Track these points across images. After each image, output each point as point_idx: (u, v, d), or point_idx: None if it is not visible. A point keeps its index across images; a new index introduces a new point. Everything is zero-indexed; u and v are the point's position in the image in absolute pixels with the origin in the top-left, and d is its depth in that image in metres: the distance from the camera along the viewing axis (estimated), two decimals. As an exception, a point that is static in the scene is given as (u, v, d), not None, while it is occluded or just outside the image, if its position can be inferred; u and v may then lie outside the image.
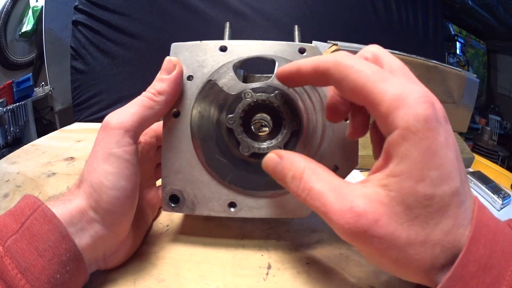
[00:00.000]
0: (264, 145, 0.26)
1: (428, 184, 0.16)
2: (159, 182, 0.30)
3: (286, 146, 0.26)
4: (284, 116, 0.26)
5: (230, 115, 0.26)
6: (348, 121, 0.24)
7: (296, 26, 0.33)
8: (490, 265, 0.16)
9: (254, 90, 0.26)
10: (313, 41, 0.45)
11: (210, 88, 0.26)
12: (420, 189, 0.16)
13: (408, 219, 0.16)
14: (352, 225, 0.17)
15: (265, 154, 0.26)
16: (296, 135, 0.26)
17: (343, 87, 0.19)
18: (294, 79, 0.22)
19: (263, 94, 0.26)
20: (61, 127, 0.66)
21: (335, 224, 0.17)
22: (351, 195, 0.18)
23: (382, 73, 0.18)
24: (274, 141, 0.26)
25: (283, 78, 0.23)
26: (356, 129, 0.23)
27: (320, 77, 0.20)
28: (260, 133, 0.37)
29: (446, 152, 0.16)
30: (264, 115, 0.31)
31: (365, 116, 0.22)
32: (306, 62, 0.20)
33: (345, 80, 0.18)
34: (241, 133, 0.26)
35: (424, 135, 0.16)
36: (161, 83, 0.25)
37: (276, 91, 0.26)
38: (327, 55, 0.20)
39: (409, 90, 0.16)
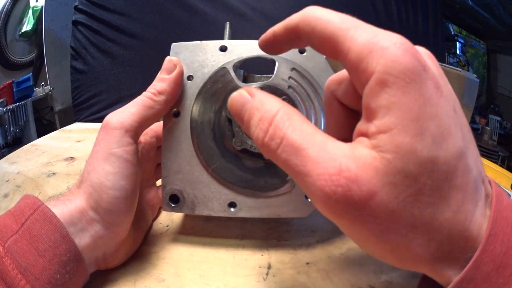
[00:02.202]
0: None
1: (429, 140, 0.13)
2: (159, 182, 0.30)
3: None
4: None
5: None
6: None
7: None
8: (505, 263, 0.13)
9: (263, 89, 0.26)
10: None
11: (222, 76, 0.26)
12: (422, 148, 0.13)
13: (411, 193, 0.13)
14: (341, 195, 0.13)
15: (256, 153, 0.26)
16: None
17: (314, 41, 0.16)
18: (272, 44, 0.19)
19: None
20: (61, 127, 0.66)
21: (316, 190, 0.13)
22: (339, 154, 0.13)
23: (353, 20, 0.15)
24: None
25: (263, 45, 0.20)
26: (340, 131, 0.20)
27: (292, 35, 0.17)
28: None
29: (440, 101, 0.13)
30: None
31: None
32: (279, 24, 0.18)
33: (314, 32, 0.16)
34: (238, 127, 0.26)
35: (409, 78, 0.13)
36: (161, 83, 0.25)
37: (284, 96, 0.26)
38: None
39: (383, 34, 0.14)
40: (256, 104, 0.16)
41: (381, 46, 0.13)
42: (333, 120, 0.20)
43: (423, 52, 0.15)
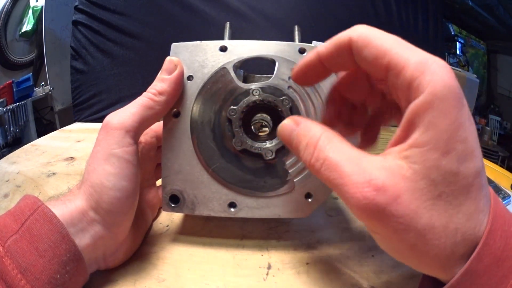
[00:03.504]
0: (257, 144, 0.26)
1: (454, 158, 0.15)
2: (159, 182, 0.30)
3: (280, 151, 0.26)
4: None
5: (233, 107, 0.26)
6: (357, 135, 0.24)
7: (296, 26, 0.34)
8: (504, 257, 0.15)
9: (263, 89, 0.26)
10: (313, 41, 0.45)
11: (222, 76, 0.26)
12: (446, 163, 0.15)
13: (430, 197, 0.15)
14: (370, 200, 0.15)
15: (255, 153, 0.26)
16: None
17: (365, 54, 0.17)
18: (314, 69, 0.21)
19: (271, 95, 0.26)
20: (61, 127, 0.66)
21: (351, 198, 0.16)
22: (370, 167, 0.16)
23: (403, 41, 0.17)
24: (268, 143, 0.26)
25: (301, 73, 0.21)
26: (367, 141, 0.23)
27: (343, 51, 0.19)
28: (260, 133, 0.37)
29: (470, 127, 0.15)
30: (265, 115, 0.31)
31: (377, 128, 0.23)
32: (322, 45, 0.19)
33: (368, 47, 0.17)
34: (239, 127, 0.26)
35: (451, 104, 0.15)
36: (161, 83, 0.25)
37: (284, 97, 0.26)
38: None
39: (432, 58, 0.16)
40: (302, 131, 0.19)
41: (432, 70, 0.15)
42: (331, 109, 0.23)
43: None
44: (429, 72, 0.15)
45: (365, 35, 0.18)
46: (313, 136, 0.18)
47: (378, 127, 0.23)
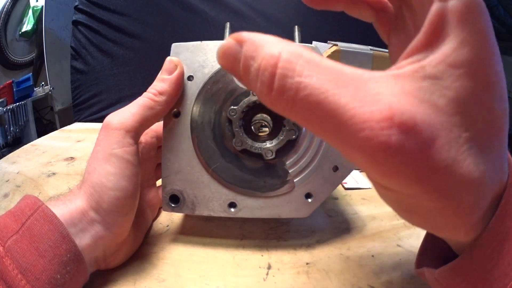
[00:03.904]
0: (257, 144, 0.26)
1: (490, 93, 0.12)
2: (159, 182, 0.30)
3: (279, 151, 0.26)
4: (285, 123, 0.26)
5: (233, 107, 0.26)
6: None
7: (296, 26, 0.33)
8: None
9: None
10: (313, 41, 0.45)
11: (222, 76, 0.26)
12: (482, 97, 0.11)
13: (467, 139, 0.11)
14: (396, 148, 0.10)
15: (255, 153, 0.26)
16: (291, 144, 0.26)
17: None
18: None
19: None
20: (61, 127, 0.66)
21: (358, 144, 0.10)
22: (385, 91, 0.11)
23: None
24: (268, 143, 0.26)
25: None
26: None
27: None
28: (260, 133, 0.37)
29: (500, 61, 0.12)
30: (265, 115, 0.31)
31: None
32: None
33: None
34: (239, 127, 0.26)
35: (488, 25, 0.11)
36: (162, 83, 0.25)
37: None
38: None
39: None
40: (250, 51, 0.12)
41: None
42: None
43: None
44: None
45: None
46: (269, 55, 0.12)
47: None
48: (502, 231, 0.13)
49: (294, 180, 0.26)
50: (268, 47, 0.12)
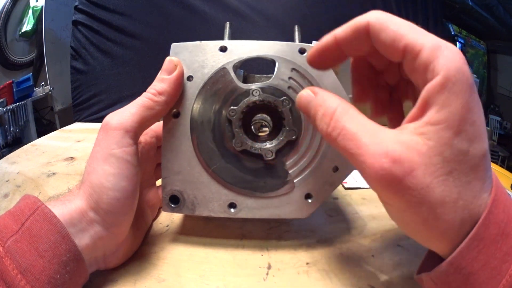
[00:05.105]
0: (257, 145, 0.26)
1: (464, 138, 0.16)
2: (159, 182, 0.30)
3: (280, 151, 0.26)
4: (285, 123, 0.26)
5: (233, 107, 0.26)
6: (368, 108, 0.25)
7: (296, 26, 0.34)
8: (507, 232, 0.16)
9: (263, 89, 0.26)
10: (313, 41, 0.45)
11: (222, 76, 0.26)
12: (457, 142, 0.16)
13: (443, 173, 0.16)
14: (387, 171, 0.16)
15: (255, 153, 0.26)
16: (291, 144, 0.26)
17: (383, 38, 0.18)
18: (329, 52, 0.21)
19: (271, 96, 0.26)
20: (61, 127, 0.66)
21: (368, 168, 0.17)
22: (387, 139, 0.17)
23: (417, 27, 0.18)
24: (268, 144, 0.26)
25: (317, 55, 0.22)
26: (379, 109, 0.24)
27: (360, 34, 0.19)
28: (260, 134, 0.37)
29: (479, 111, 0.16)
30: (265, 115, 0.31)
31: (386, 94, 0.24)
32: (339, 29, 0.20)
33: (386, 31, 0.18)
34: (239, 128, 0.26)
35: (463, 88, 0.16)
36: (161, 83, 0.25)
37: (284, 97, 0.26)
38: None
39: (445, 43, 0.17)
40: (319, 101, 0.20)
41: (446, 54, 0.16)
42: (357, 87, 0.24)
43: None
44: (443, 56, 0.16)
45: (383, 19, 0.18)
46: (330, 106, 0.19)
47: (401, 105, 0.24)
48: (478, 247, 0.16)
49: (294, 181, 0.26)
50: (330, 101, 0.19)
